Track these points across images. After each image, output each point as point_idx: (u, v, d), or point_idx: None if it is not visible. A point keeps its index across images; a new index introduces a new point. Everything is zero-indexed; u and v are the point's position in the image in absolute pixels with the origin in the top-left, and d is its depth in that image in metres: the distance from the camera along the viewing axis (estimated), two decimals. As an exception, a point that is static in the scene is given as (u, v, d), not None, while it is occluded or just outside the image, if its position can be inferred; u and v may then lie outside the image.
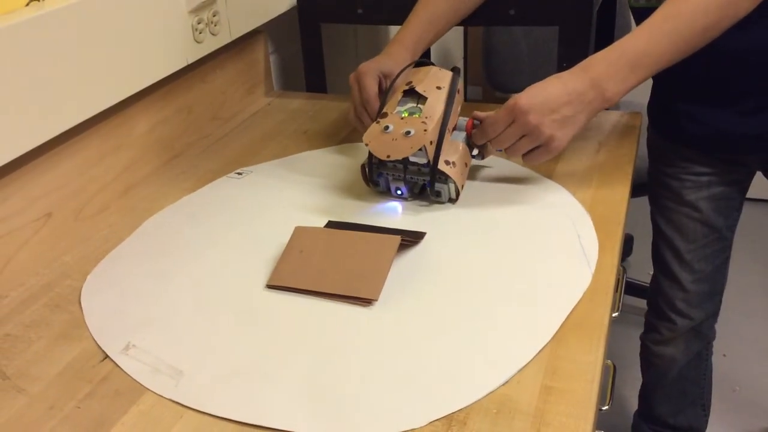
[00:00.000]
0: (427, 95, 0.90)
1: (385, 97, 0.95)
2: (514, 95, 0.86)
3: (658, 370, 1.37)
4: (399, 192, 0.93)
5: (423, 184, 0.92)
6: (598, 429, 0.68)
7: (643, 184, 1.26)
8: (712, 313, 1.30)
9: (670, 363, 1.34)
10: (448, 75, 0.93)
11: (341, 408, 0.62)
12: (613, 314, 0.75)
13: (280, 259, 0.81)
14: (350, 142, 1.13)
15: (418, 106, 0.90)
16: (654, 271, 1.30)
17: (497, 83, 2.06)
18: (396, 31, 1.10)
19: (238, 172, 1.05)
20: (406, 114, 0.89)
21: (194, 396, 0.65)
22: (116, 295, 0.79)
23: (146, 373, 0.68)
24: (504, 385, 0.64)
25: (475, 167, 1.00)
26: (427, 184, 0.91)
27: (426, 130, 0.86)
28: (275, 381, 0.66)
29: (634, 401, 1.48)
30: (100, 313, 0.77)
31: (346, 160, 1.07)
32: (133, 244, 0.90)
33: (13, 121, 0.81)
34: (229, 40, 1.20)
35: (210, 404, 0.64)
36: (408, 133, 0.86)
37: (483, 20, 1.21)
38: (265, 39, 1.34)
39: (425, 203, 0.93)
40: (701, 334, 1.31)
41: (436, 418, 0.61)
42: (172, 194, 1.00)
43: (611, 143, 1.06)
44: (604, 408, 0.79)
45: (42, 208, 0.89)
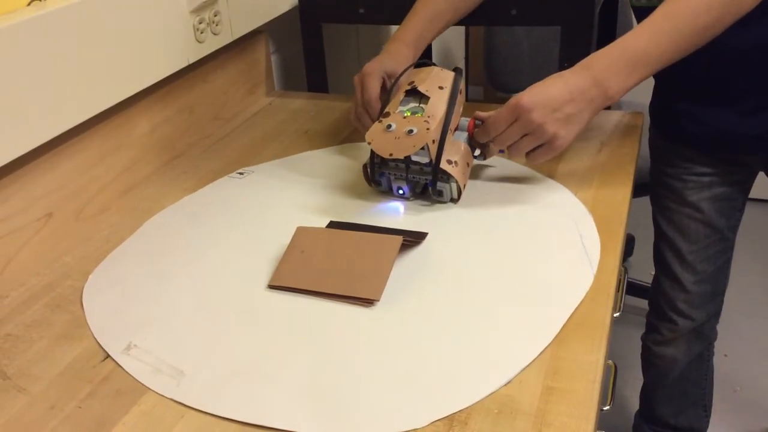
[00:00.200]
0: (429, 95, 0.90)
1: (388, 96, 0.95)
2: (516, 94, 0.86)
3: (659, 370, 1.36)
4: (401, 191, 0.93)
5: (425, 183, 0.92)
6: (599, 429, 0.67)
7: (645, 185, 1.26)
8: (714, 314, 1.30)
9: (672, 363, 1.34)
10: (450, 75, 0.93)
11: (342, 408, 0.62)
12: (615, 314, 0.75)
13: (281, 259, 0.81)
14: (352, 142, 1.13)
15: (421, 105, 0.90)
16: (655, 271, 1.30)
17: (498, 83, 2.06)
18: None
19: (239, 172, 1.05)
20: (409, 113, 0.89)
21: (195, 396, 0.65)
22: (117, 295, 0.79)
23: (147, 373, 0.68)
24: (505, 386, 0.64)
25: (477, 167, 1.00)
26: (429, 184, 0.90)
27: (428, 129, 0.86)
28: (276, 381, 0.66)
29: (635, 401, 1.48)
30: (101, 313, 0.77)
31: (347, 160, 1.07)
32: (134, 244, 0.90)
33: (14, 121, 0.81)
34: (231, 40, 1.20)
35: (211, 404, 0.64)
36: (410, 131, 0.86)
37: (484, 20, 1.21)
38: (267, 39, 1.34)
39: (427, 203, 0.93)
40: (702, 334, 1.31)
41: (437, 419, 0.61)
42: (173, 194, 1.00)
43: (613, 143, 1.06)
44: (606, 408, 0.79)
45: (43, 208, 0.89)
